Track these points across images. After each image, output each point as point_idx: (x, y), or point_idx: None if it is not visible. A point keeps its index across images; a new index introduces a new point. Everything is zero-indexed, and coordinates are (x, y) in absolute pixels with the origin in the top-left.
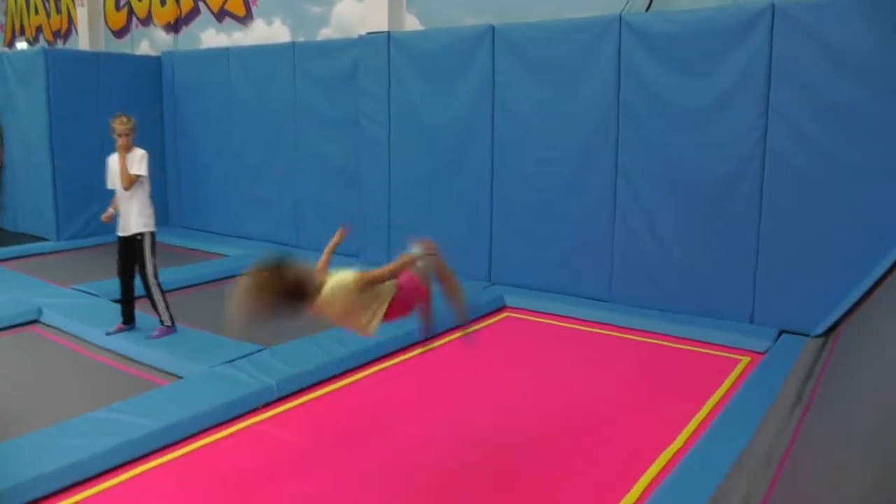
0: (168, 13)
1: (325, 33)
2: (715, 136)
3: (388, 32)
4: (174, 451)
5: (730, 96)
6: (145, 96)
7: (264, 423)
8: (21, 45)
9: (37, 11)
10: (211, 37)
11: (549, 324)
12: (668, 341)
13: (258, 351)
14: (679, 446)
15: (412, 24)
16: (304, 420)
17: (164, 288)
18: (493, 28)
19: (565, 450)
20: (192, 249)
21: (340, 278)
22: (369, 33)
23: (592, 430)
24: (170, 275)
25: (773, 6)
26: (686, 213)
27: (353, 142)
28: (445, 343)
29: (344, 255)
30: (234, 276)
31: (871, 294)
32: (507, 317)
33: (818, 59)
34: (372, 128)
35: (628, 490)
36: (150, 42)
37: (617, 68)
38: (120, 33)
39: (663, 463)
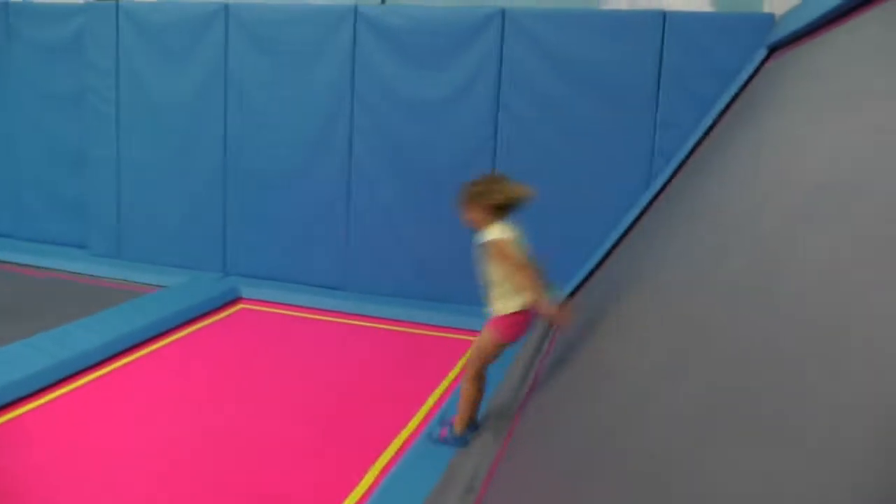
0: None
1: None
2: (448, 128)
3: (117, 1)
4: None
5: (462, 91)
6: None
7: None
8: None
9: None
10: None
11: (284, 314)
12: (403, 327)
13: None
14: (415, 427)
15: None
16: (12, 438)
17: None
18: (226, 6)
19: (301, 439)
20: None
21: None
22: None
23: (329, 419)
24: None
25: (503, 11)
26: (420, 200)
27: (79, 118)
28: (175, 340)
29: (69, 246)
30: None
31: (594, 273)
32: (242, 309)
33: (541, 62)
34: (99, 104)
35: (363, 475)
36: None
37: (352, 57)
38: None
39: (399, 445)
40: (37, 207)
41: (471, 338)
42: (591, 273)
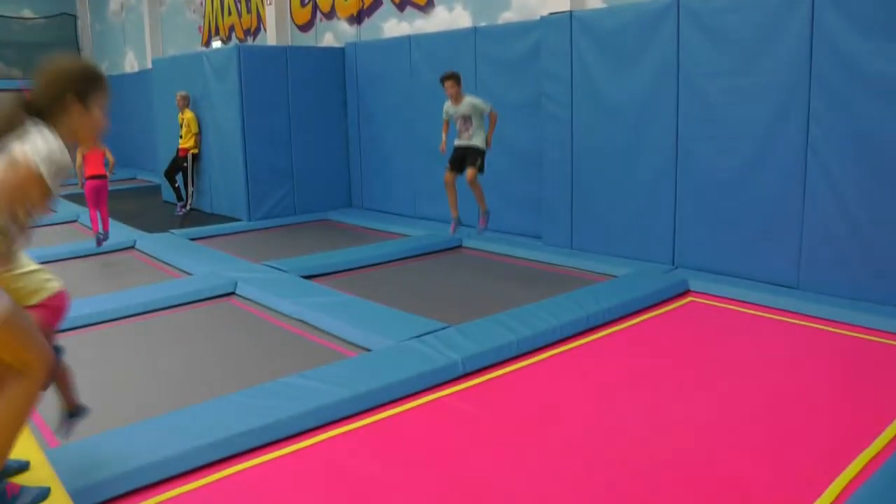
0: (351, 6)
1: (507, 17)
2: None
3: (571, 12)
4: (363, 418)
5: None
6: (330, 85)
7: (450, 398)
8: (216, 43)
9: (230, 12)
10: (393, 26)
11: (734, 310)
12: (863, 333)
13: (443, 328)
14: (877, 451)
15: (594, 2)
16: (486, 397)
17: (348, 266)
18: (677, 0)
19: (751, 443)
20: (375, 230)
21: None
22: (551, 14)
23: (781, 425)
24: (355, 253)
25: None
26: (884, 192)
27: (535, 123)
28: (626, 328)
29: (528, 237)
30: (414, 256)
31: None
32: (691, 301)
33: None
34: (553, 108)
35: (820, 494)
36: (333, 34)
37: (808, 35)
38: (305, 27)
39: (859, 468)
40: (498, 203)
41: None
42: None
